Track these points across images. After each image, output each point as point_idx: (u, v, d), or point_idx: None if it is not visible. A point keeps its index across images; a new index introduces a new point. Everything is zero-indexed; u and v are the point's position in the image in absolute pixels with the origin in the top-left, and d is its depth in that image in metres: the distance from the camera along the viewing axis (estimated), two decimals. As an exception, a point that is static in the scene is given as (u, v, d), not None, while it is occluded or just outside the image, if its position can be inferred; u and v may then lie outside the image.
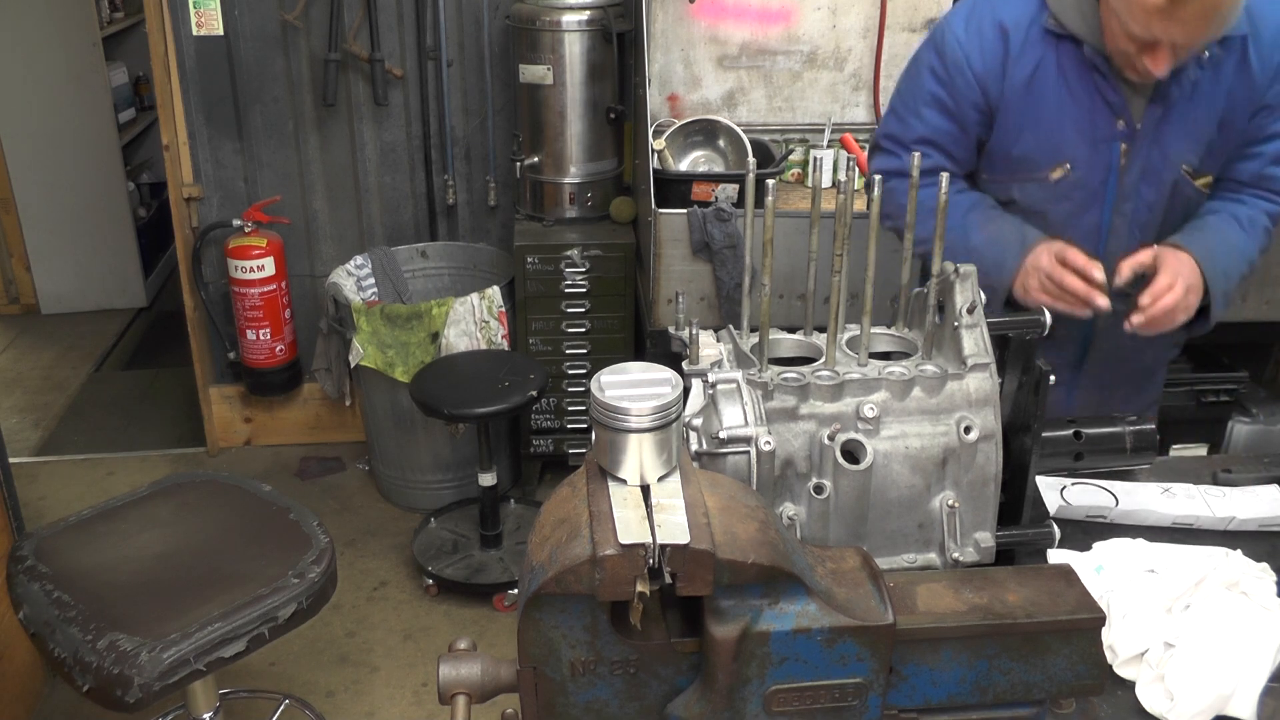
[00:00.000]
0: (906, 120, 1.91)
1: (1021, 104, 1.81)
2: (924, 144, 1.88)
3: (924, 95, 1.88)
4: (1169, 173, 1.83)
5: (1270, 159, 1.87)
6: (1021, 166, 1.86)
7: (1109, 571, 1.45)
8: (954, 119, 1.86)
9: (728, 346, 1.26)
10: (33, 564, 2.01)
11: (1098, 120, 1.79)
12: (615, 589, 0.89)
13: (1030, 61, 1.79)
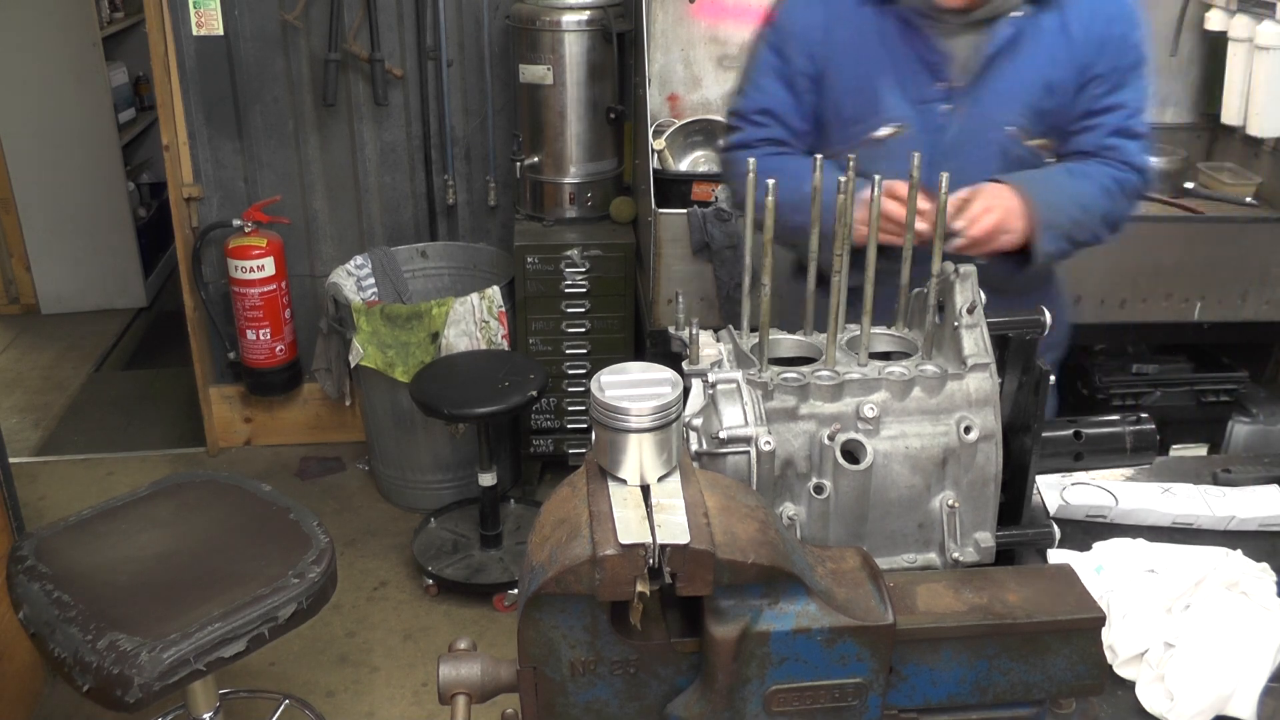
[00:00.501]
0: (748, 93, 1.95)
1: (846, 67, 1.85)
2: (763, 114, 1.91)
3: (761, 65, 1.92)
4: (994, 132, 1.84)
5: (1110, 130, 1.88)
6: (851, 129, 1.88)
7: (1109, 571, 1.45)
8: (789, 87, 1.89)
9: (728, 346, 1.26)
10: (33, 564, 2.01)
11: (920, 81, 1.82)
12: (615, 589, 0.89)
13: (852, 24, 1.83)
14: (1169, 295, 2.86)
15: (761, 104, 1.92)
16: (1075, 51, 1.83)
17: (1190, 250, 2.83)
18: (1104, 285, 2.85)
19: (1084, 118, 1.88)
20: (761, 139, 1.94)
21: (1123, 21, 1.86)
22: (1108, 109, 1.87)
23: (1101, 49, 1.84)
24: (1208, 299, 2.87)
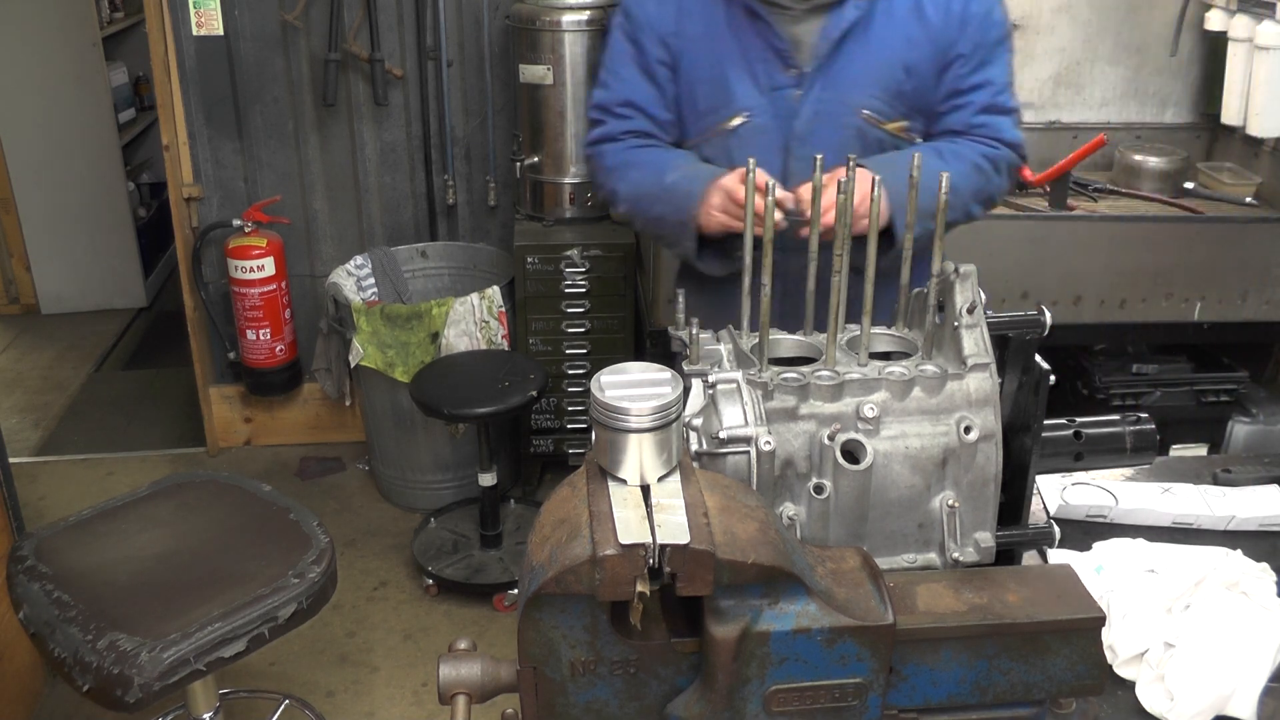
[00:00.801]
0: (609, 84, 1.93)
1: (699, 57, 1.85)
2: (626, 106, 1.90)
3: (619, 55, 1.91)
4: (848, 117, 1.83)
5: (978, 108, 1.86)
6: (705, 120, 1.88)
7: (1109, 571, 1.45)
8: (649, 77, 1.89)
9: (728, 346, 1.26)
10: (33, 564, 2.01)
11: (769, 68, 1.82)
12: (615, 589, 0.89)
13: (701, 13, 1.84)
14: (1169, 295, 2.86)
15: (623, 95, 1.91)
16: (934, 32, 1.82)
17: (1190, 250, 2.83)
18: (1104, 285, 2.85)
19: (951, 97, 1.87)
20: (626, 131, 1.92)
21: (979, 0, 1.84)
22: (975, 87, 1.86)
23: (963, 28, 1.82)
24: (1208, 299, 2.87)
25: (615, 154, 1.91)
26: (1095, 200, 3.09)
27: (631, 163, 1.89)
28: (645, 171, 1.87)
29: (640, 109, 1.91)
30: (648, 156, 1.89)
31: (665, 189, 1.82)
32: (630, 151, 1.91)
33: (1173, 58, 3.21)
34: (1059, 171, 2.94)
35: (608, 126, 1.93)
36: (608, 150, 1.93)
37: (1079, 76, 3.37)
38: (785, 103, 1.83)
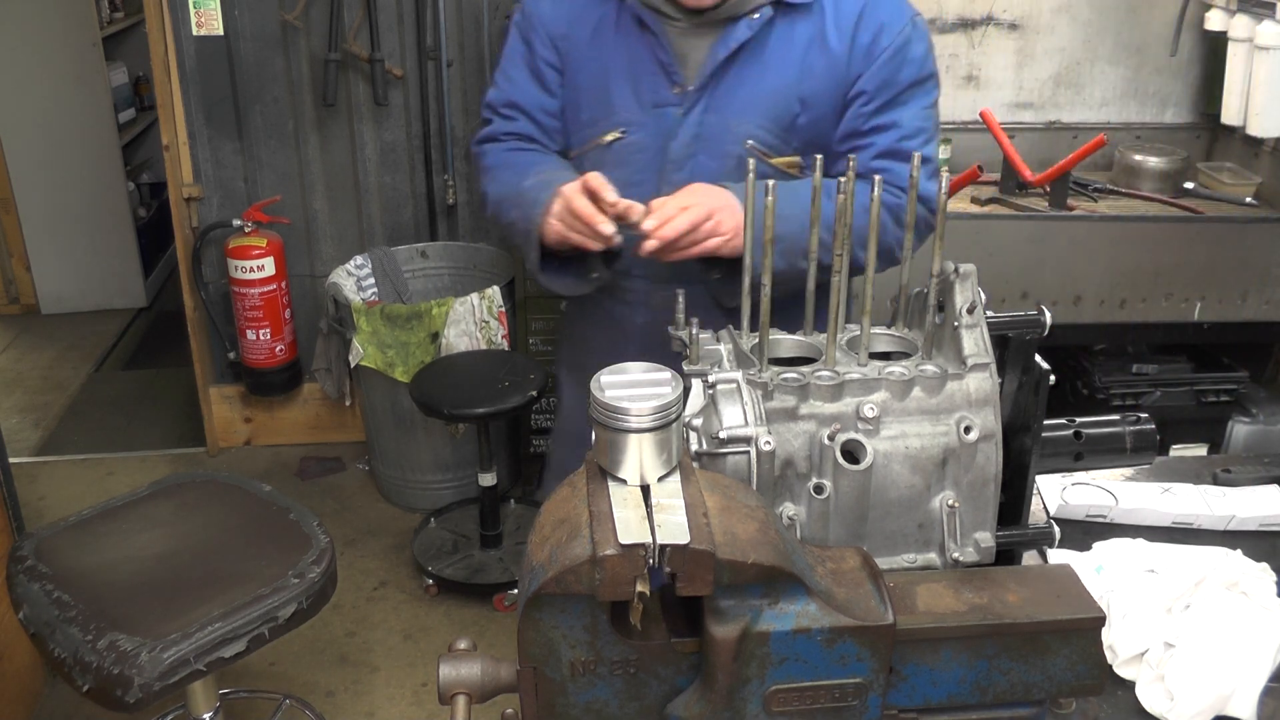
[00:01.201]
0: (499, 83, 1.85)
1: (585, 64, 1.75)
2: (511, 107, 1.82)
3: (512, 54, 1.82)
4: (731, 144, 1.70)
5: (878, 151, 1.71)
6: (586, 132, 1.78)
7: (1109, 571, 1.45)
8: (537, 79, 1.80)
9: (728, 346, 1.26)
10: (33, 564, 2.01)
11: (653, 83, 1.71)
12: (615, 589, 0.89)
13: (593, 17, 1.74)
14: (1169, 295, 2.86)
15: (509, 96, 1.82)
16: (836, 64, 1.68)
17: (1190, 250, 2.83)
18: (1104, 285, 2.85)
19: (849, 138, 1.72)
20: (508, 133, 1.83)
21: (895, 34, 1.68)
22: (878, 129, 1.71)
23: (869, 62, 1.67)
24: (1208, 299, 2.87)
25: (494, 154, 1.83)
26: (1095, 200, 3.09)
27: (504, 164, 1.81)
28: (511, 174, 1.78)
29: (524, 111, 1.82)
30: (519, 159, 1.80)
31: (520, 193, 1.73)
32: (507, 153, 1.82)
33: (1173, 58, 3.21)
34: (1059, 171, 2.94)
35: (493, 126, 1.85)
36: (489, 150, 1.84)
37: (1079, 76, 3.37)
38: (665, 122, 1.71)
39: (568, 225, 1.62)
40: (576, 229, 1.62)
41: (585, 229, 1.60)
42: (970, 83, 3.39)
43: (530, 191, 1.70)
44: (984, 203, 3.05)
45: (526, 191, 1.71)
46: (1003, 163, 3.09)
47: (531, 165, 1.77)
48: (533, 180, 1.72)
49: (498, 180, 1.80)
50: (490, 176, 1.83)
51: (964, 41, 3.34)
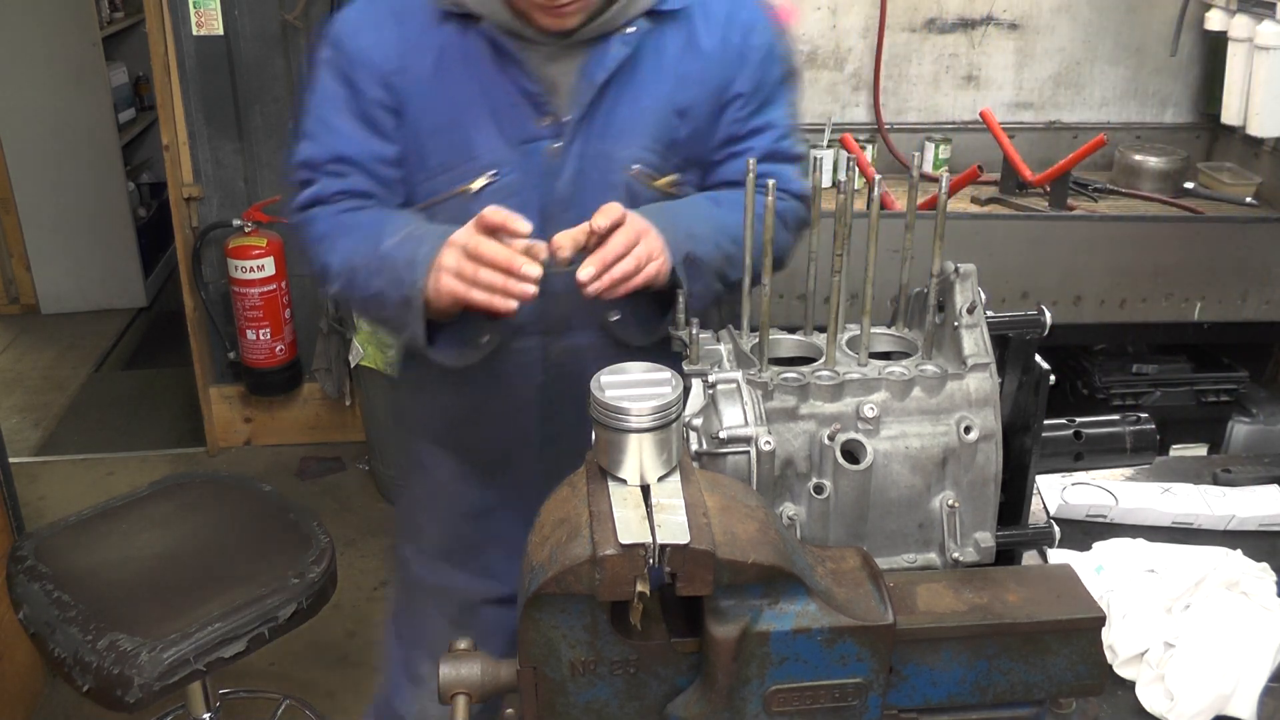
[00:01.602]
0: (318, 136, 1.56)
1: (429, 102, 1.52)
2: (340, 163, 1.55)
3: (329, 100, 1.55)
4: (616, 174, 1.53)
5: (759, 155, 1.55)
6: (438, 181, 1.54)
7: (1109, 571, 1.45)
8: (368, 124, 1.54)
9: (728, 346, 1.26)
10: (33, 564, 2.01)
11: (518, 117, 1.49)
12: (615, 589, 0.90)
13: (432, 46, 1.50)
14: (1169, 295, 2.86)
15: (335, 149, 1.55)
16: (709, 69, 1.54)
17: (1190, 250, 2.83)
18: (1104, 285, 2.85)
19: (728, 144, 1.60)
20: (340, 192, 1.56)
21: (763, 31, 1.58)
22: (755, 131, 1.60)
23: (743, 63, 1.56)
24: (1208, 299, 2.87)
25: (326, 219, 1.55)
26: (1095, 200, 3.09)
27: (345, 228, 1.53)
28: (360, 238, 1.51)
29: (357, 165, 1.55)
30: (363, 220, 1.53)
31: (383, 257, 1.45)
32: (344, 216, 1.54)
33: (1173, 58, 3.21)
34: (1059, 171, 2.94)
35: (318, 187, 1.56)
36: (318, 215, 1.56)
37: (1079, 76, 3.37)
38: (541, 159, 1.51)
39: (470, 280, 1.34)
40: (484, 282, 1.33)
41: (497, 280, 1.33)
42: (970, 83, 3.39)
43: (399, 252, 1.44)
44: (984, 203, 3.05)
45: (393, 254, 1.44)
46: (1003, 163, 3.09)
47: (384, 223, 1.51)
48: (395, 240, 1.46)
49: (341, 248, 1.52)
50: (327, 246, 1.54)
51: (964, 41, 3.34)
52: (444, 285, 1.36)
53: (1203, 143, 3.40)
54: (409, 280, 1.40)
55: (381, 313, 1.50)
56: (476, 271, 1.33)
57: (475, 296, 1.34)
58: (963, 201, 3.06)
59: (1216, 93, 3.00)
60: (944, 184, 1.24)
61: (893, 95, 3.37)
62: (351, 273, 1.50)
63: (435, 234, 1.42)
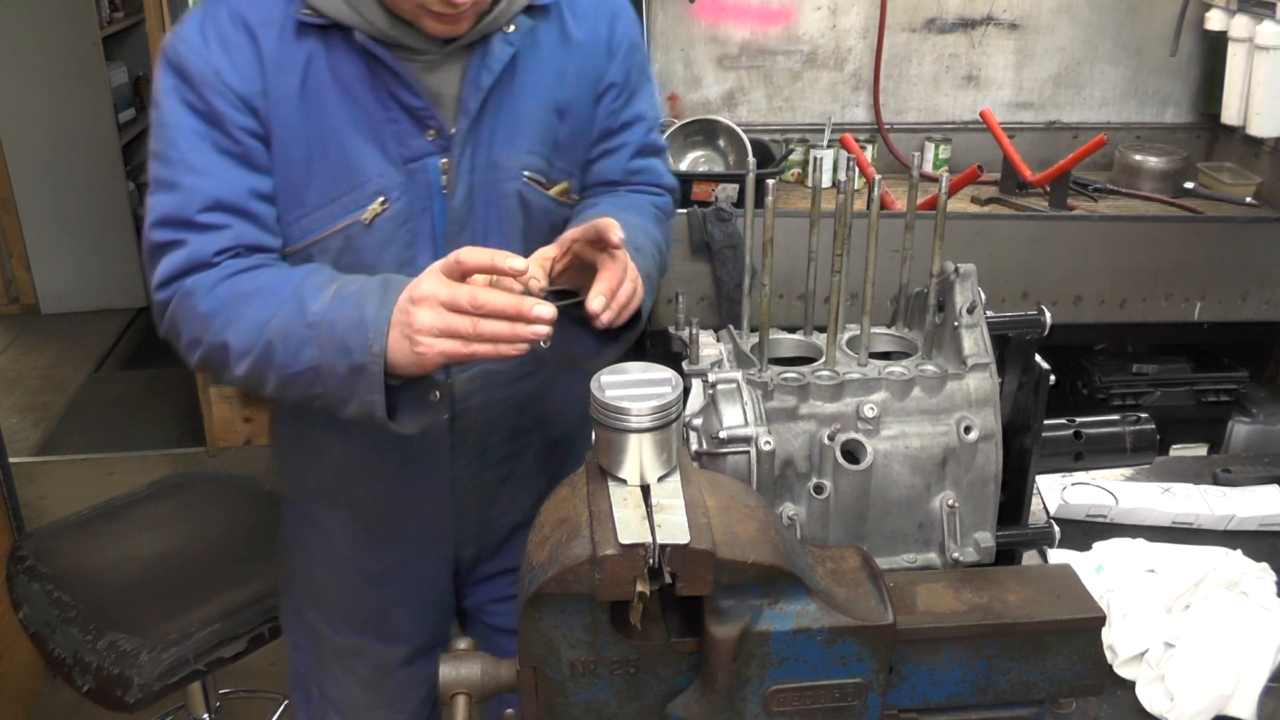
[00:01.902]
0: (182, 185, 1.30)
1: (298, 127, 1.32)
2: (216, 211, 1.30)
3: (185, 136, 1.30)
4: (510, 183, 1.40)
5: (634, 150, 1.52)
6: (320, 216, 1.35)
7: (1109, 571, 1.45)
8: (242, 160, 1.31)
9: (728, 346, 1.26)
10: (33, 564, 2.01)
11: (401, 134, 1.34)
12: (615, 589, 0.90)
13: (296, 66, 1.31)
14: (1169, 295, 2.86)
15: (208, 195, 1.29)
16: (584, 59, 1.45)
17: (1190, 250, 2.83)
18: (1104, 285, 2.85)
19: (603, 139, 1.50)
20: (222, 250, 1.30)
21: (627, 20, 1.51)
22: (627, 124, 1.51)
23: (612, 53, 1.47)
24: (1208, 299, 2.87)
25: (212, 289, 1.29)
26: (1095, 200, 3.09)
27: (242, 296, 1.27)
28: (269, 304, 1.26)
29: (239, 210, 1.31)
30: (267, 281, 1.29)
31: (313, 325, 1.22)
32: (237, 280, 1.29)
33: (1173, 58, 3.21)
34: (1059, 171, 2.94)
35: (190, 249, 1.29)
36: (199, 286, 1.29)
37: (1079, 76, 3.37)
38: (428, 175, 1.36)
39: (469, 336, 1.14)
40: (487, 335, 1.14)
41: (503, 329, 1.14)
42: (970, 83, 3.39)
43: (334, 314, 1.21)
44: (984, 203, 3.05)
45: (326, 317, 1.21)
46: (1003, 163, 3.09)
47: (295, 282, 1.28)
48: (325, 298, 1.23)
49: (244, 321, 1.26)
50: (222, 321, 1.27)
51: (964, 41, 3.34)
52: (430, 348, 1.15)
53: (1203, 143, 3.40)
54: (360, 347, 1.18)
55: (317, 388, 1.24)
56: (477, 325, 1.13)
57: (478, 352, 1.15)
58: (963, 201, 3.06)
59: (1216, 93, 3.00)
60: (944, 184, 1.24)
61: (893, 95, 3.37)
62: (268, 349, 1.24)
63: (375, 289, 1.21)
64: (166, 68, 1.32)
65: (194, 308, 1.29)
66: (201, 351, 1.30)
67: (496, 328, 1.14)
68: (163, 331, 1.37)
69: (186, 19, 1.34)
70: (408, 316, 1.16)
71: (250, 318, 1.26)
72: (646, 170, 1.54)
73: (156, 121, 1.33)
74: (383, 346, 1.17)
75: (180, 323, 1.32)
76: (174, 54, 1.31)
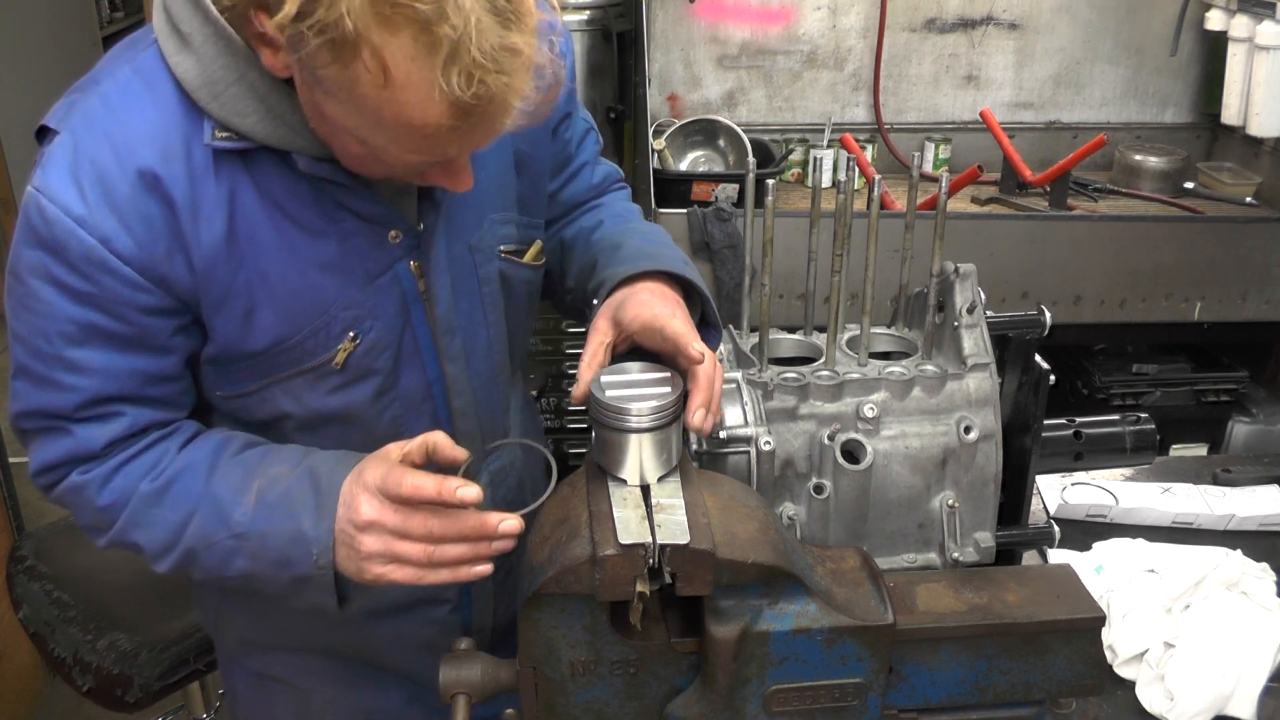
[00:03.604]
0: (55, 380, 1.08)
1: (227, 281, 1.09)
2: (98, 405, 1.10)
3: (61, 330, 1.06)
4: (489, 265, 1.23)
5: (591, 164, 1.42)
6: (277, 362, 1.14)
7: (1109, 571, 1.45)
8: (136, 345, 1.09)
9: (728, 346, 1.26)
10: (33, 564, 2.01)
11: (359, 247, 1.12)
12: (615, 589, 0.90)
13: (216, 210, 1.06)
14: (1169, 295, 2.86)
15: (91, 393, 1.09)
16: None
17: (1190, 250, 2.83)
18: (1104, 285, 2.85)
19: (563, 167, 1.37)
20: (112, 443, 1.11)
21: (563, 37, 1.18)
22: (579, 141, 1.39)
23: None
24: (1208, 299, 2.87)
25: (106, 485, 1.12)
26: (1095, 200, 3.08)
27: (145, 498, 1.12)
28: (179, 506, 1.11)
29: (131, 399, 1.11)
30: (169, 476, 1.12)
31: (241, 536, 1.08)
32: (130, 471, 1.12)
33: (1173, 58, 3.21)
34: (1059, 171, 2.94)
35: (73, 441, 1.10)
36: (89, 483, 1.12)
37: (1079, 76, 3.37)
38: (401, 287, 1.16)
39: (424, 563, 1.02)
40: (449, 559, 1.02)
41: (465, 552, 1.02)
42: (970, 83, 3.38)
43: (265, 525, 1.08)
44: (984, 203, 3.05)
45: (256, 528, 1.08)
46: (1003, 163, 3.09)
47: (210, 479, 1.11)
48: (248, 504, 1.09)
49: (154, 524, 1.13)
50: (127, 522, 1.13)
51: (964, 41, 3.34)
52: (381, 574, 1.03)
53: (1203, 143, 3.40)
54: (303, 560, 1.06)
55: (254, 586, 1.13)
56: (432, 554, 1.01)
57: (434, 579, 1.03)
58: (963, 201, 3.06)
59: (1216, 93, 3.00)
60: (944, 184, 1.24)
61: (893, 95, 3.37)
62: (188, 555, 1.13)
63: (305, 494, 1.07)
64: (29, 235, 1.05)
65: (90, 501, 1.13)
66: (108, 542, 1.16)
67: (457, 551, 1.01)
68: (51, 500, 1.17)
69: (50, 163, 1.08)
70: (352, 540, 1.03)
71: (160, 520, 1.12)
72: (609, 174, 1.46)
73: (19, 300, 1.07)
74: (329, 560, 1.05)
75: (74, 509, 1.16)
76: (38, 219, 1.04)
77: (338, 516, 1.04)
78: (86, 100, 1.09)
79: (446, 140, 0.96)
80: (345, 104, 0.94)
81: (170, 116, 1.05)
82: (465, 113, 0.92)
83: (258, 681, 1.39)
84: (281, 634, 1.33)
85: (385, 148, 0.98)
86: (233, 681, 1.42)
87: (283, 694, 1.37)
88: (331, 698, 1.37)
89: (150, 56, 1.07)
